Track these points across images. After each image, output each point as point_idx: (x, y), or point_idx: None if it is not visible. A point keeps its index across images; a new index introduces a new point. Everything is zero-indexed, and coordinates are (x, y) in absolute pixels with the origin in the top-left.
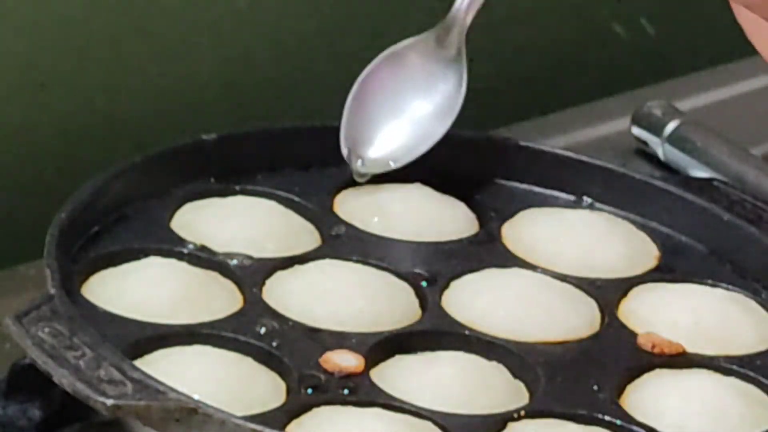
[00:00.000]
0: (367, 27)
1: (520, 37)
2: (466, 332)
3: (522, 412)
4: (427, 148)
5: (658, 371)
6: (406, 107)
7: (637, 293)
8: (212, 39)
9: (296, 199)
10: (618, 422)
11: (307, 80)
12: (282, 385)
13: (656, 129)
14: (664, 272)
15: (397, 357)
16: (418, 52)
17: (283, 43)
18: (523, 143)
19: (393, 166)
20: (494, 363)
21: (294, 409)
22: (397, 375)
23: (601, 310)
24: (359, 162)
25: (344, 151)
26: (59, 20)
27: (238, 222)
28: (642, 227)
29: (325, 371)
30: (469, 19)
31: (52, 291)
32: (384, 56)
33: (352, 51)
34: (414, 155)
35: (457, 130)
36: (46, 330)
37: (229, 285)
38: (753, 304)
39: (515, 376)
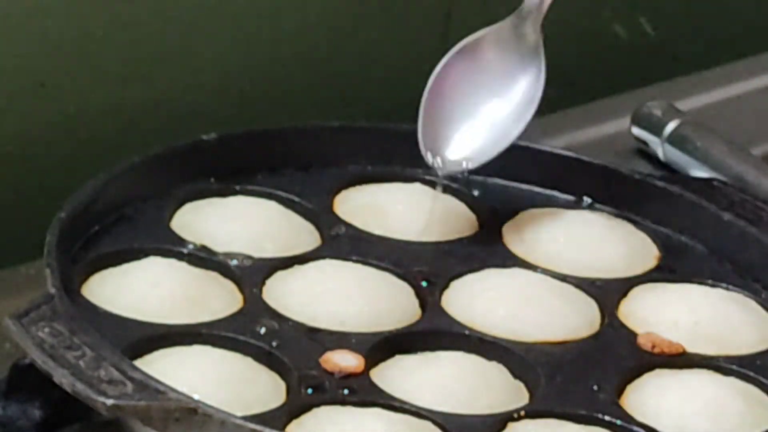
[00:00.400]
0: (368, 27)
1: None
2: (466, 332)
3: (522, 412)
4: (505, 147)
5: (658, 371)
6: (483, 104)
7: (637, 293)
8: (212, 39)
9: (296, 199)
10: (618, 422)
11: (307, 80)
12: (282, 385)
13: (656, 129)
14: (664, 272)
15: (397, 357)
16: (493, 44)
17: (283, 43)
18: (523, 143)
19: (468, 166)
20: (494, 363)
21: (294, 409)
22: (397, 375)
23: (601, 310)
24: (438, 161)
25: (423, 151)
26: (59, 20)
27: (238, 222)
28: (642, 227)
29: (325, 371)
30: (546, 7)
31: (52, 291)
32: (458, 49)
33: (352, 51)
34: (492, 154)
35: None
36: (46, 330)
37: (229, 285)
38: (753, 304)
39: (515, 376)
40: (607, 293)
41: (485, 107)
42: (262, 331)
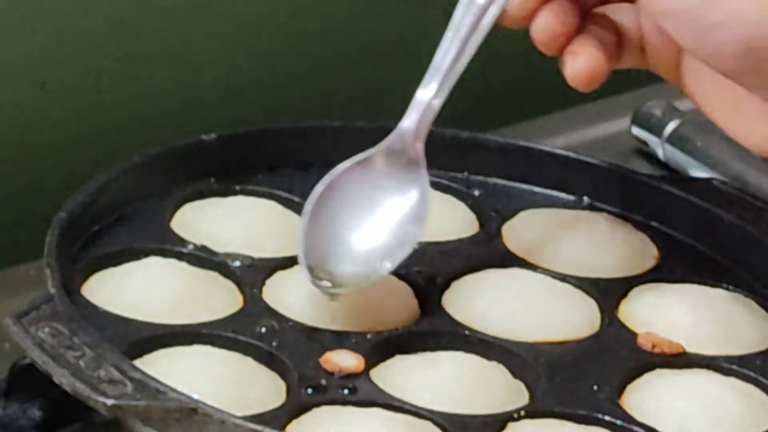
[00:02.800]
0: (368, 27)
1: (520, 36)
2: (466, 332)
3: (522, 412)
4: (404, 256)
5: (658, 371)
6: (369, 220)
7: (637, 293)
8: (212, 39)
9: (296, 199)
10: (618, 422)
11: (307, 80)
12: (282, 385)
13: (656, 129)
14: (664, 272)
15: (397, 357)
16: (379, 161)
17: (282, 43)
18: (523, 143)
19: (369, 281)
20: (494, 363)
21: (294, 409)
22: (397, 375)
23: (601, 310)
24: (325, 282)
25: (304, 272)
26: (59, 20)
27: (238, 222)
28: (642, 227)
29: (325, 371)
30: (423, 131)
31: (52, 291)
32: (341, 168)
33: (352, 51)
34: (391, 267)
35: (456, 130)
36: (46, 330)
37: (229, 285)
38: (753, 304)
39: (515, 376)
40: (607, 293)
41: (371, 223)
42: (262, 331)
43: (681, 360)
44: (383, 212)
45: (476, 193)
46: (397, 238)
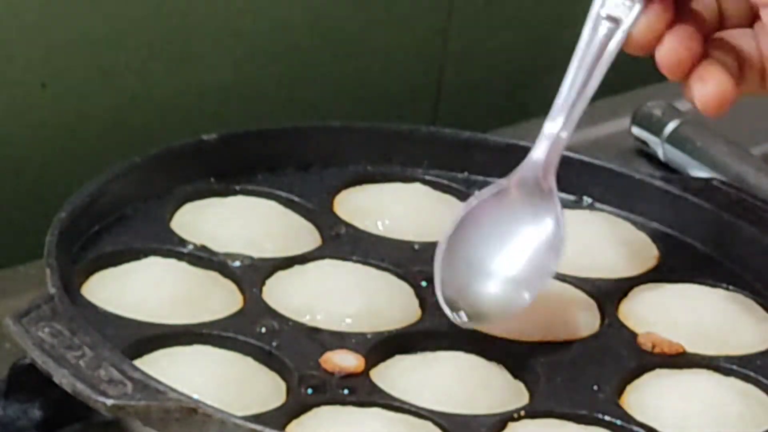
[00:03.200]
0: (368, 27)
1: (520, 36)
2: (466, 332)
3: (522, 412)
4: (542, 287)
5: (658, 371)
6: (505, 253)
7: (637, 293)
8: (213, 39)
9: (296, 199)
10: (618, 422)
11: (307, 80)
12: (282, 385)
13: (656, 129)
14: (664, 272)
15: (397, 357)
16: (513, 193)
17: (283, 43)
18: (523, 143)
19: (507, 314)
20: (494, 363)
21: (294, 409)
22: (397, 375)
23: (601, 310)
24: (461, 315)
25: (444, 305)
26: (59, 20)
27: (238, 222)
28: (642, 227)
29: (325, 371)
30: (551, 175)
31: (52, 291)
32: (476, 201)
33: (352, 51)
34: (529, 299)
35: (456, 130)
36: (46, 330)
37: (229, 285)
38: (753, 304)
39: (515, 376)
40: (607, 293)
41: (508, 254)
42: (262, 331)
43: (681, 360)
44: (519, 243)
45: (476, 192)
46: (534, 269)
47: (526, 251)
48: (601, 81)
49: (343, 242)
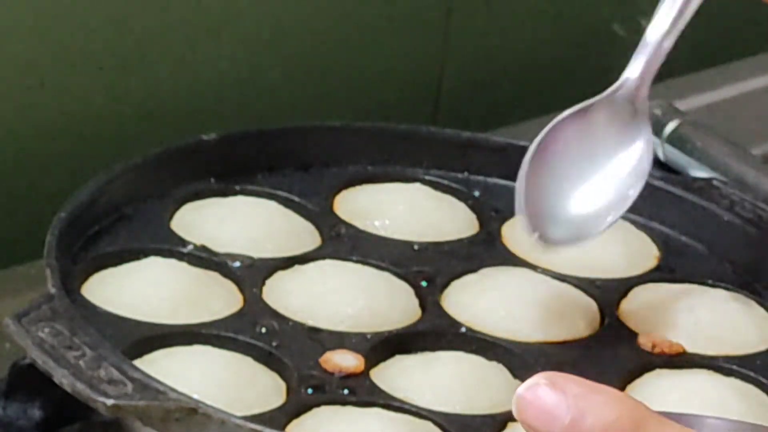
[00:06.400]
0: (368, 27)
1: (520, 37)
2: (466, 332)
3: None
4: (624, 211)
5: (658, 371)
6: (589, 175)
7: (637, 293)
8: (212, 39)
9: (296, 199)
10: None
11: (307, 80)
12: (282, 385)
13: (656, 129)
14: (664, 272)
15: (397, 357)
16: (600, 112)
17: (283, 43)
18: (523, 143)
19: (587, 237)
20: (494, 363)
21: (294, 409)
22: (397, 375)
23: (601, 310)
24: (537, 236)
25: (523, 222)
26: (59, 20)
27: (238, 222)
28: (642, 227)
29: (325, 371)
30: (644, 92)
31: (52, 291)
32: (564, 116)
33: (352, 51)
34: (611, 221)
35: (456, 130)
36: (46, 330)
37: (229, 285)
38: (753, 304)
39: (515, 376)
40: (607, 293)
41: (592, 176)
42: (262, 331)
43: (681, 360)
44: (604, 164)
45: (476, 193)
46: (617, 193)
47: (610, 175)
48: None
49: (343, 242)
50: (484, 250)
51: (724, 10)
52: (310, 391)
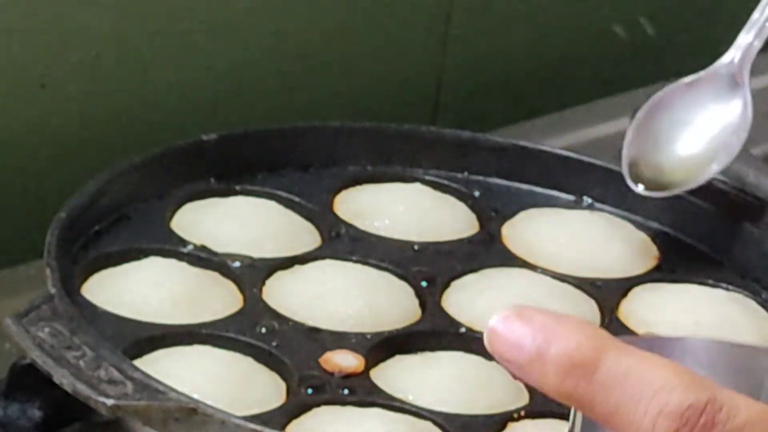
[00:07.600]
0: (368, 27)
1: (520, 37)
2: (466, 332)
3: (522, 412)
4: (728, 162)
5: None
6: (696, 125)
7: (637, 293)
8: (212, 39)
9: (296, 199)
10: None
11: (307, 80)
12: (282, 385)
13: None
14: (664, 272)
15: (397, 357)
16: (706, 84)
17: (282, 43)
18: (523, 143)
19: (676, 191)
20: (494, 363)
21: (294, 409)
22: (397, 375)
23: (601, 310)
24: (641, 187)
25: (625, 170)
26: (59, 20)
27: (238, 222)
28: (642, 227)
29: (325, 371)
30: (747, 66)
31: (52, 291)
32: (665, 90)
33: (352, 51)
34: (717, 169)
35: (456, 130)
36: (46, 330)
37: (229, 285)
38: (753, 304)
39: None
40: (607, 293)
41: (693, 133)
42: (262, 331)
43: None
44: (707, 122)
45: (476, 193)
46: (721, 144)
47: (712, 130)
48: None
49: (343, 242)
50: (484, 250)
51: (725, 9)
52: (310, 391)
